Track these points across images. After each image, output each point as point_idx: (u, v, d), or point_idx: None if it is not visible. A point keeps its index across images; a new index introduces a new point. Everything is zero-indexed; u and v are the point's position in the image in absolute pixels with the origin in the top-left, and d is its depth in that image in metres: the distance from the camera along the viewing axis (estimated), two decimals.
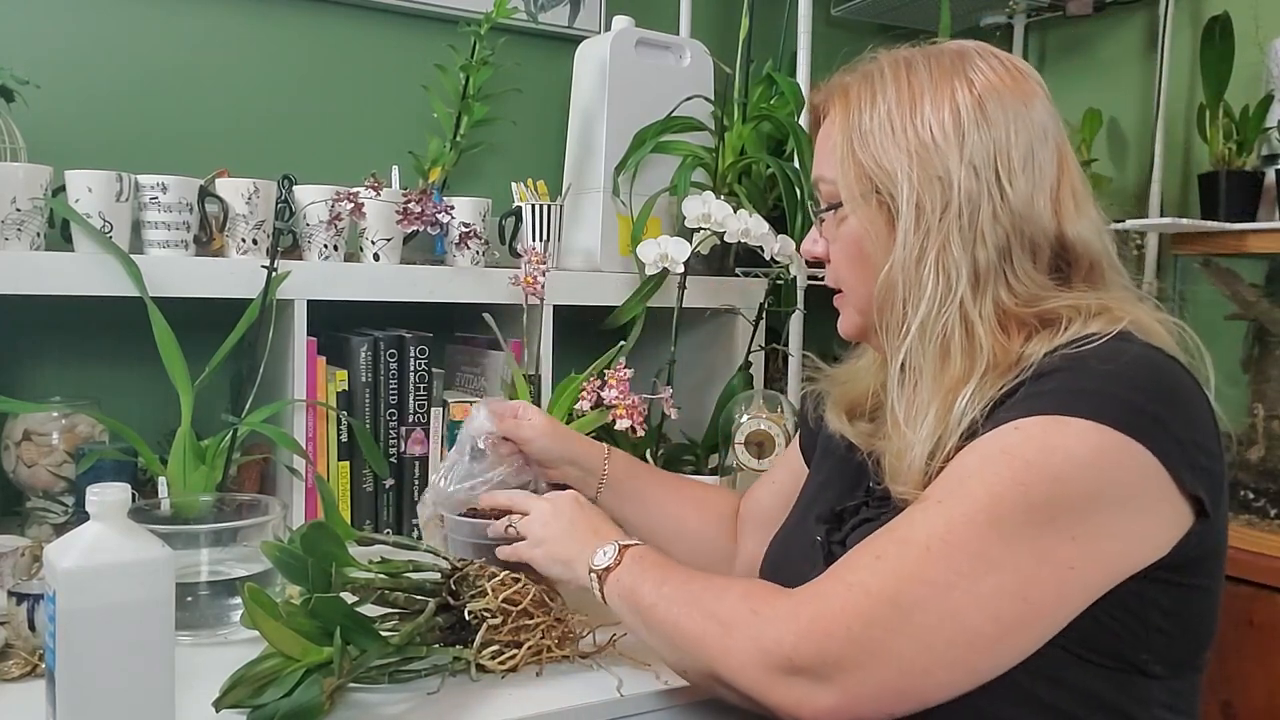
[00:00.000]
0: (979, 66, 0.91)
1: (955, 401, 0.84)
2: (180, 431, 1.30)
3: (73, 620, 0.77)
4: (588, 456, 1.22)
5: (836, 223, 0.96)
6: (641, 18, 1.74)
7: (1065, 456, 0.76)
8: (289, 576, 0.98)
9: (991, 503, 0.77)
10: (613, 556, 0.95)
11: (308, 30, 1.70)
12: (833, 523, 0.98)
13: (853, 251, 0.95)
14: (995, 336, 0.86)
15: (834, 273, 1.00)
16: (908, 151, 0.88)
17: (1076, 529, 0.76)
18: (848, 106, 0.93)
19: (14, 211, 1.26)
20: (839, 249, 0.97)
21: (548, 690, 1.00)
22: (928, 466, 0.84)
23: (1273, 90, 1.65)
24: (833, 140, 0.94)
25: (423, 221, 1.44)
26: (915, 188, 0.88)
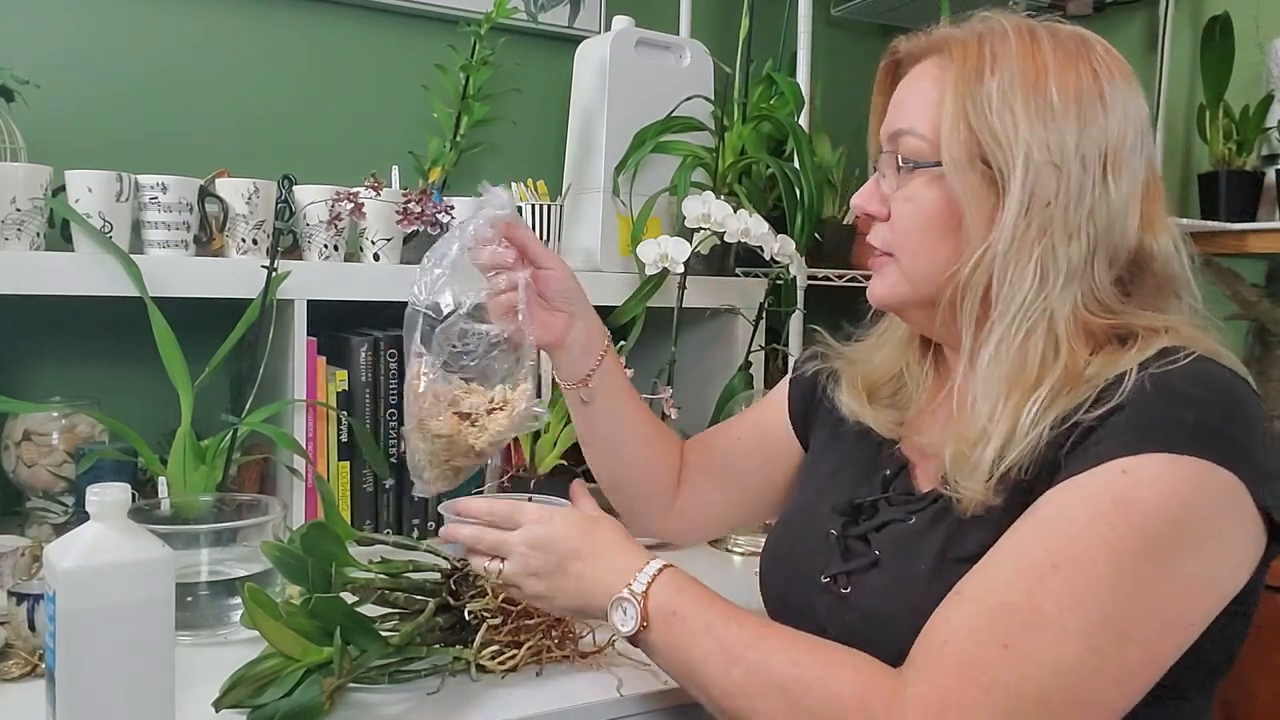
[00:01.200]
0: (1098, 53, 0.86)
1: (1026, 405, 0.80)
2: (180, 431, 1.30)
3: (73, 620, 0.77)
4: (597, 327, 1.13)
5: (921, 182, 0.87)
6: (641, 18, 1.74)
7: (1180, 501, 0.72)
8: (289, 576, 0.98)
9: (1115, 564, 0.72)
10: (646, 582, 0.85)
11: (308, 30, 1.70)
12: (849, 515, 0.94)
13: (932, 218, 0.87)
14: (1072, 344, 0.82)
15: (893, 235, 0.91)
16: (1029, 128, 0.82)
17: (1192, 569, 0.73)
18: (962, 62, 0.85)
19: (14, 211, 1.26)
20: (912, 211, 0.89)
21: (548, 690, 1.00)
22: (992, 468, 0.80)
23: (1273, 90, 1.65)
24: (931, 95, 0.87)
25: (423, 221, 1.44)
26: (1032, 170, 0.81)
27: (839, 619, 0.88)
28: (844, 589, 0.89)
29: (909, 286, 0.91)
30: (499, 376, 1.01)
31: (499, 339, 1.00)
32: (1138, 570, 0.72)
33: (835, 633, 0.86)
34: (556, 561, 0.90)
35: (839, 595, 0.89)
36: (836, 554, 0.92)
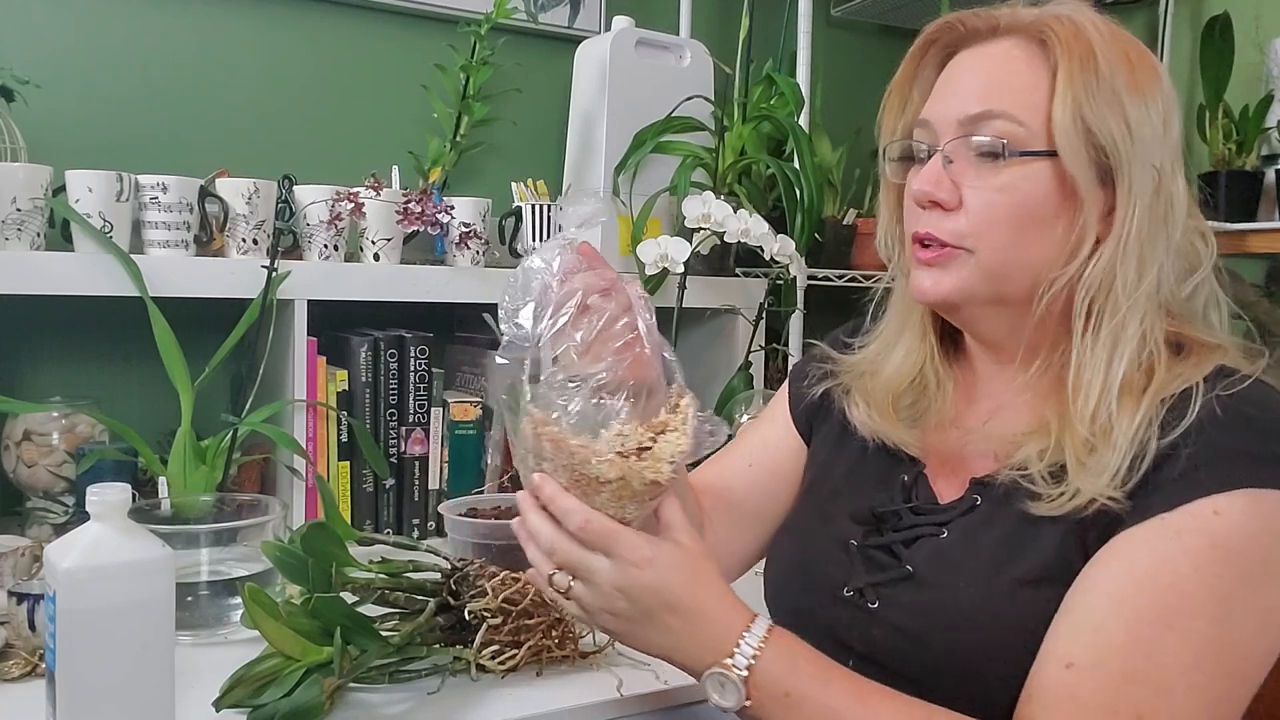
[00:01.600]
0: (1158, 61, 0.86)
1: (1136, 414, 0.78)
2: (180, 431, 1.30)
3: (73, 620, 0.77)
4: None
5: (1021, 172, 0.81)
6: (641, 18, 1.74)
7: (1271, 537, 0.73)
8: (289, 576, 0.97)
9: (1224, 611, 0.72)
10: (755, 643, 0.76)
11: (308, 30, 1.70)
12: (871, 525, 0.90)
13: (1030, 210, 0.82)
14: (1160, 352, 0.80)
15: (969, 225, 0.83)
16: (1137, 126, 0.80)
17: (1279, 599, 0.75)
18: (1069, 49, 0.81)
19: (14, 211, 1.26)
20: (1006, 201, 0.82)
21: (548, 690, 0.99)
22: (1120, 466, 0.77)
23: (1273, 90, 1.65)
24: (1026, 79, 0.82)
25: (423, 221, 1.44)
26: (1140, 168, 0.80)
27: (864, 633, 0.85)
28: (871, 603, 0.85)
29: (983, 282, 0.84)
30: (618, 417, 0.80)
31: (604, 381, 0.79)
32: (1242, 612, 0.73)
33: (860, 647, 0.84)
34: (644, 610, 0.77)
35: (865, 609, 0.85)
36: (859, 565, 0.88)
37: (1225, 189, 1.65)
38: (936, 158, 0.84)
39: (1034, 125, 0.81)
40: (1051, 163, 0.81)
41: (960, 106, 0.84)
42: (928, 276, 0.85)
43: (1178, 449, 0.75)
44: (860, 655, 0.84)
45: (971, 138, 0.82)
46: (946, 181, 0.83)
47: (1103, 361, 0.80)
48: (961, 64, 0.86)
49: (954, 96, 0.85)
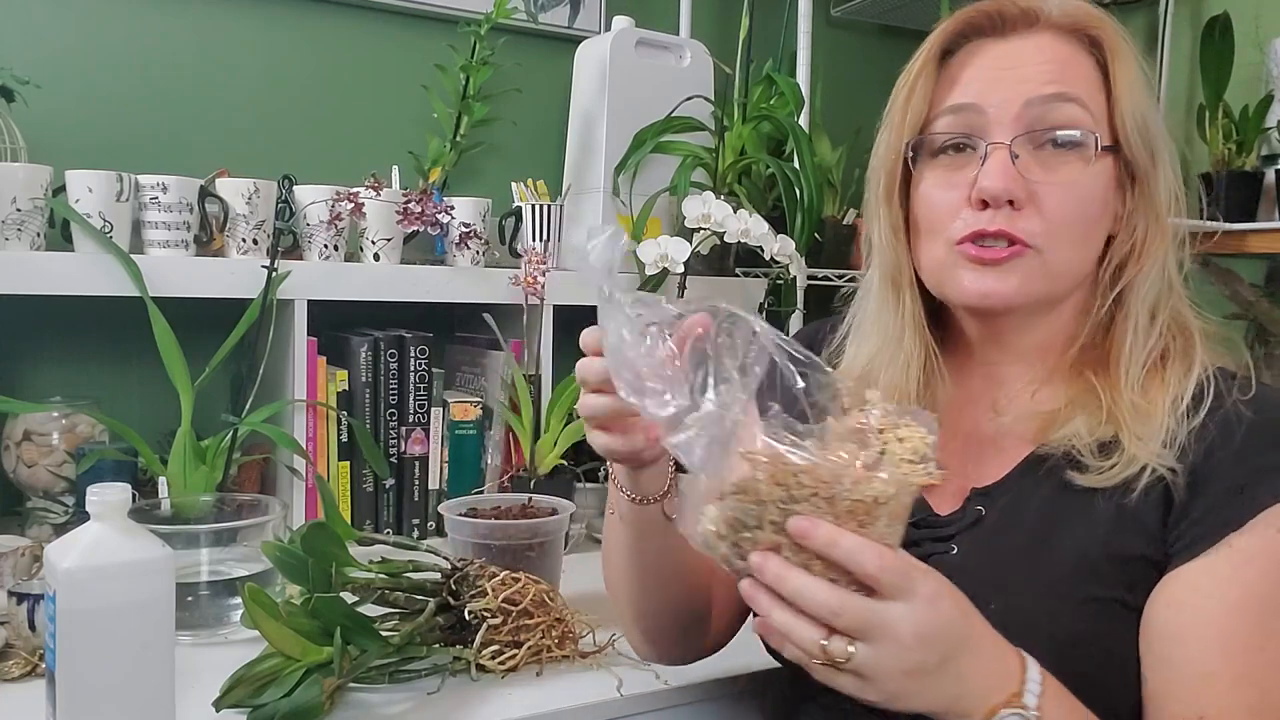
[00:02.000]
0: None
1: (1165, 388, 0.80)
2: (180, 431, 1.30)
3: (73, 620, 0.77)
4: None
5: (1081, 166, 0.80)
6: (641, 18, 1.74)
7: None
8: (289, 576, 0.98)
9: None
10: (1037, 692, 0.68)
11: (308, 30, 1.70)
12: None
13: (1093, 205, 0.81)
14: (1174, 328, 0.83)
15: (1044, 224, 0.80)
16: (1161, 126, 0.83)
17: None
18: (1118, 47, 0.83)
19: (14, 211, 1.26)
20: (1075, 198, 0.80)
21: (548, 690, 0.99)
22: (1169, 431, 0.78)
23: (1273, 90, 1.65)
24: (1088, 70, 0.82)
25: (423, 221, 1.44)
26: (1169, 159, 0.83)
27: None
28: None
29: (1045, 283, 0.82)
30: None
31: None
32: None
33: None
34: (940, 659, 0.64)
35: None
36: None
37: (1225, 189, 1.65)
38: (1003, 152, 0.80)
39: (1100, 117, 0.81)
40: (1113, 159, 0.82)
41: (1027, 88, 0.80)
42: (990, 277, 0.80)
43: (1213, 455, 0.76)
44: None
45: (1046, 127, 0.80)
46: (1017, 176, 0.80)
47: (1144, 328, 0.81)
48: (1006, 49, 0.83)
49: (1015, 78, 0.81)
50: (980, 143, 0.81)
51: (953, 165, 0.83)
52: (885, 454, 0.64)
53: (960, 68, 0.84)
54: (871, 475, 0.61)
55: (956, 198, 0.82)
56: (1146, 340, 0.82)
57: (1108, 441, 0.79)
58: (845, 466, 0.61)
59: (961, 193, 0.82)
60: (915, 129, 0.85)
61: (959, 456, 0.88)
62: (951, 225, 0.82)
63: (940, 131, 0.84)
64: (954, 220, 0.82)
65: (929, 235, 0.85)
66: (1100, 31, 0.83)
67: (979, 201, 0.80)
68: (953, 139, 0.83)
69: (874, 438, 0.65)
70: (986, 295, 0.81)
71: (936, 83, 0.85)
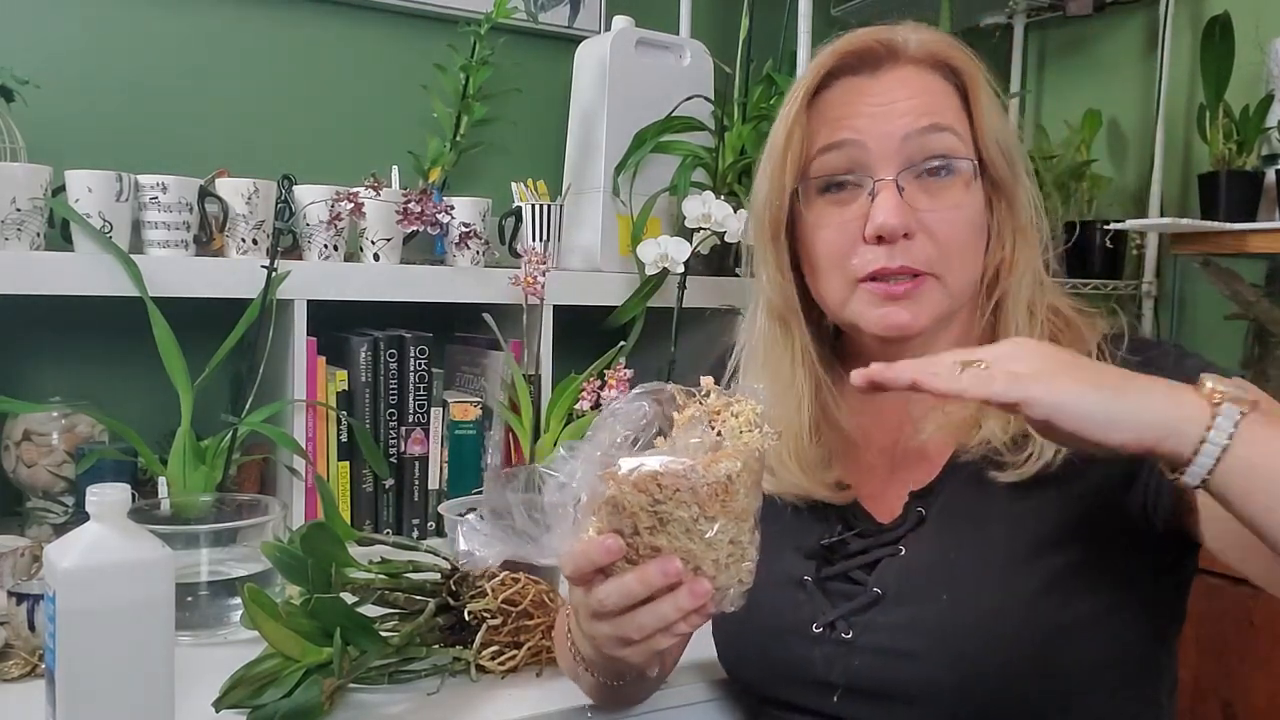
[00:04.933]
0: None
1: None
2: (180, 431, 1.30)
3: (73, 620, 0.77)
4: None
5: (962, 189, 0.85)
6: (641, 18, 1.74)
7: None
8: (289, 576, 0.97)
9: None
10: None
11: (308, 30, 1.70)
12: (820, 558, 0.88)
13: (975, 225, 0.86)
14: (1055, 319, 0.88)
15: (938, 250, 0.84)
16: (1016, 141, 0.88)
17: None
18: (973, 73, 0.88)
19: (14, 211, 1.26)
20: (963, 219, 0.85)
21: (548, 690, 0.99)
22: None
23: (1273, 90, 1.65)
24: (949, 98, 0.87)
25: (423, 221, 1.44)
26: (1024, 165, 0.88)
27: (845, 666, 0.83)
28: (845, 634, 0.84)
29: (949, 305, 0.86)
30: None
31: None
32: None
33: (843, 682, 0.83)
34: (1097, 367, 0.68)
35: (840, 642, 0.84)
36: (821, 600, 0.86)
37: (1225, 189, 1.65)
38: (891, 189, 0.83)
39: (967, 141, 0.86)
40: (982, 178, 0.87)
41: (903, 123, 0.84)
42: (900, 310, 0.84)
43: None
44: (846, 689, 0.84)
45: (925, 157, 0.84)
46: (908, 209, 0.83)
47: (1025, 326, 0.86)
48: (877, 88, 0.86)
49: (892, 114, 0.85)
50: (867, 179, 0.85)
51: (839, 202, 0.87)
52: (724, 432, 0.70)
53: (833, 106, 0.88)
54: (718, 457, 0.68)
55: (849, 234, 0.85)
56: (1030, 335, 0.85)
57: (1021, 436, 0.81)
58: (693, 458, 0.67)
59: (854, 229, 0.85)
60: (798, 172, 0.88)
61: (887, 468, 0.91)
62: (850, 262, 0.85)
63: (826, 171, 0.87)
64: (851, 257, 0.86)
65: (826, 272, 0.88)
66: (956, 60, 0.88)
67: (874, 237, 0.83)
68: (838, 177, 0.86)
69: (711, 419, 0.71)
70: (899, 327, 0.85)
71: (808, 122, 0.88)
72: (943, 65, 0.88)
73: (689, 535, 0.68)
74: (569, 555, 0.70)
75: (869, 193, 0.84)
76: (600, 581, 0.69)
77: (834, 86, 0.88)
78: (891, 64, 0.87)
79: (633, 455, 0.68)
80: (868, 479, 0.91)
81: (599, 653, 0.77)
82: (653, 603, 0.68)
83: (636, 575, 0.68)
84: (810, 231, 0.88)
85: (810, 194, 0.88)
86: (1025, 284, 0.87)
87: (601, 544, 0.68)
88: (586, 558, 0.69)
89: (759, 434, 0.70)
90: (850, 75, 0.88)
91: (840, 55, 0.88)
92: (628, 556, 0.68)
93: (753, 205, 0.92)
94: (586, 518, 0.69)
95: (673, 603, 0.68)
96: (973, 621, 0.79)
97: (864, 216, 0.84)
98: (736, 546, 0.69)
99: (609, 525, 0.69)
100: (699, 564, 0.68)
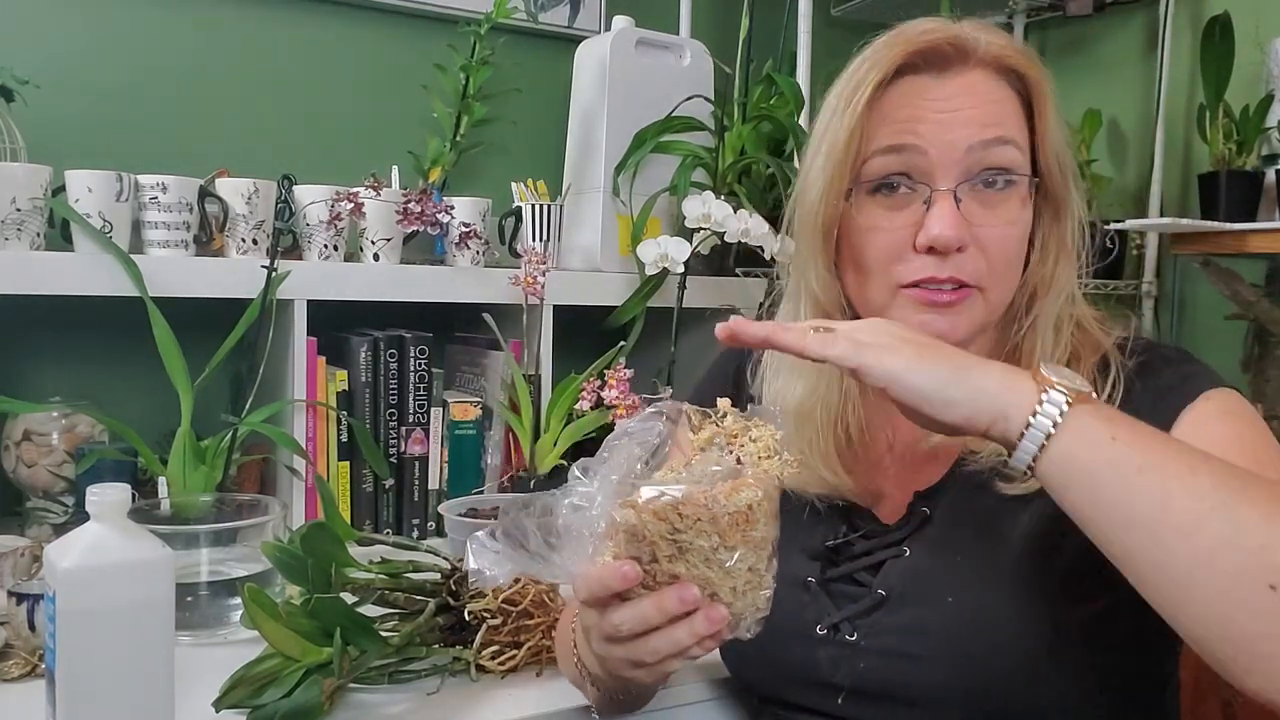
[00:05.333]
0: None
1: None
2: (180, 431, 1.30)
3: (73, 620, 0.77)
4: None
5: (1018, 203, 0.84)
6: (641, 18, 1.74)
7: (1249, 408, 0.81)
8: (289, 576, 0.97)
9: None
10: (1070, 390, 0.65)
11: (308, 30, 1.70)
12: (825, 559, 0.88)
13: (1022, 240, 0.85)
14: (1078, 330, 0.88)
15: (989, 265, 0.82)
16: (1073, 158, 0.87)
17: None
18: (1039, 83, 0.85)
19: (14, 211, 1.26)
20: (1016, 236, 0.84)
21: (548, 690, 0.99)
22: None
23: (1273, 90, 1.65)
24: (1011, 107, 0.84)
25: (423, 221, 1.44)
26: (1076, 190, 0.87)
27: (851, 668, 0.83)
28: (849, 635, 0.84)
29: (986, 317, 0.85)
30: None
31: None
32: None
33: (848, 684, 0.83)
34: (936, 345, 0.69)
35: (845, 644, 0.84)
36: (825, 601, 0.86)
37: (1225, 189, 1.65)
38: (948, 200, 0.81)
39: (1025, 152, 0.84)
40: (1035, 193, 0.85)
41: (968, 133, 0.82)
42: (940, 319, 0.82)
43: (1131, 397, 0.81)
44: (851, 691, 0.83)
45: (984, 168, 0.82)
46: (964, 222, 0.81)
47: (1050, 344, 0.85)
48: (945, 91, 0.83)
49: (956, 121, 0.82)
50: (924, 188, 0.82)
51: (891, 205, 0.84)
52: (743, 458, 0.70)
53: (896, 106, 0.84)
54: (739, 485, 0.67)
55: (899, 239, 0.83)
56: (1053, 353, 0.85)
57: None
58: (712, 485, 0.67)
59: (904, 235, 0.82)
60: (853, 170, 0.84)
61: (895, 469, 0.91)
62: (895, 268, 0.83)
63: (882, 174, 0.84)
64: (897, 263, 0.83)
65: (869, 274, 0.85)
66: (1026, 69, 0.85)
67: (925, 248, 0.81)
68: (890, 180, 0.83)
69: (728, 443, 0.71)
70: (939, 337, 0.81)
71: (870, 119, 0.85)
72: (1010, 72, 0.85)
73: (708, 564, 0.67)
74: (584, 580, 0.69)
75: (924, 201, 0.82)
76: (615, 605, 0.69)
77: (898, 83, 0.84)
78: (960, 66, 0.84)
79: (650, 481, 0.68)
80: (874, 477, 0.91)
81: (606, 670, 0.77)
82: (668, 628, 0.68)
83: (653, 602, 0.67)
84: (859, 233, 0.85)
85: (861, 194, 0.85)
86: (1060, 302, 0.86)
87: (619, 571, 0.67)
88: (603, 584, 0.68)
89: (778, 461, 0.70)
90: (914, 74, 0.84)
91: (910, 53, 0.84)
92: (644, 582, 0.68)
93: (802, 201, 0.88)
94: (603, 542, 0.68)
95: (688, 628, 0.67)
96: (978, 624, 0.79)
97: (916, 224, 0.82)
98: (754, 574, 0.69)
99: (626, 552, 0.68)
100: (716, 590, 0.68)
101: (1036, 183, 0.85)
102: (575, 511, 0.68)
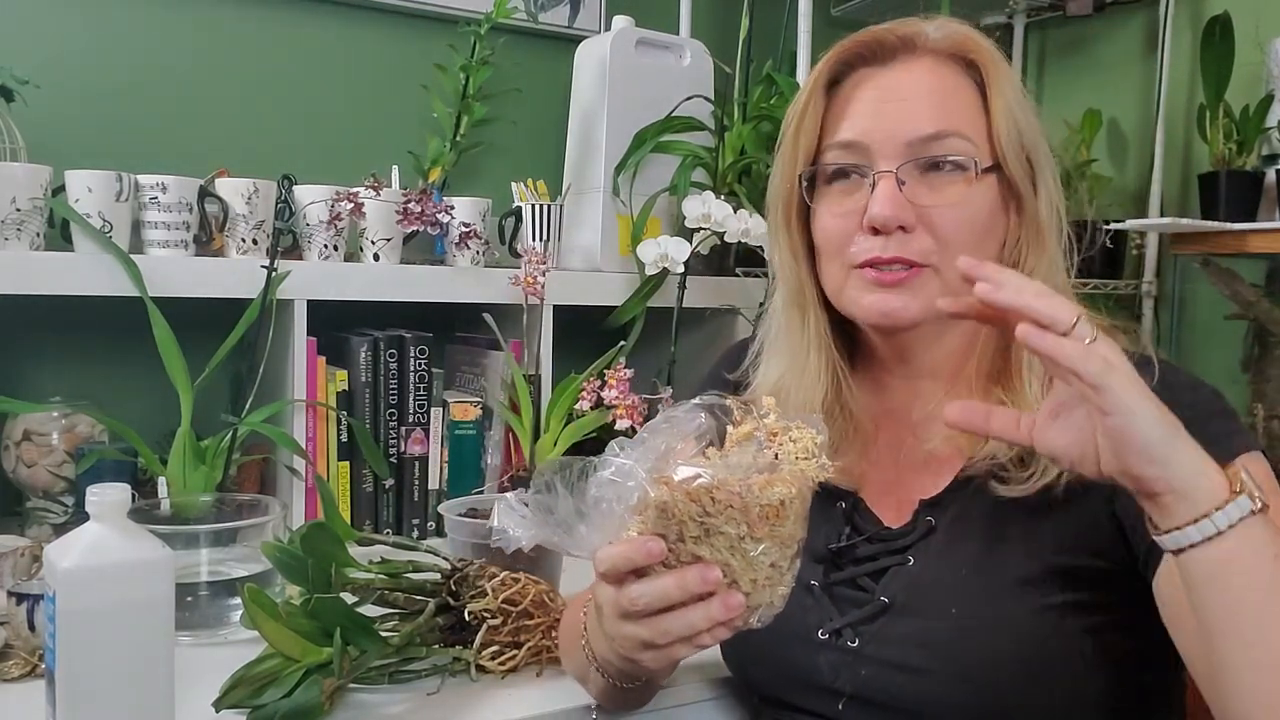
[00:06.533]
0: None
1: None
2: (180, 431, 1.30)
3: (73, 620, 0.77)
4: None
5: (967, 187, 0.84)
6: (641, 18, 1.74)
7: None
8: (289, 576, 0.97)
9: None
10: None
11: (308, 30, 1.70)
12: (828, 562, 0.88)
13: (982, 222, 0.85)
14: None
15: (936, 244, 0.84)
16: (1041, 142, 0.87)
17: None
18: (994, 68, 0.86)
19: (14, 211, 1.26)
20: (968, 216, 0.84)
21: (548, 690, 1.00)
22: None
23: (1273, 90, 1.65)
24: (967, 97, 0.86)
25: (423, 221, 1.44)
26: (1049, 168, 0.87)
27: (853, 674, 0.83)
28: (851, 641, 0.84)
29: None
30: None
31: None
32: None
33: (850, 689, 0.83)
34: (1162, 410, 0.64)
35: (847, 650, 0.84)
36: (828, 605, 0.86)
37: (1225, 189, 1.65)
38: (889, 181, 0.84)
39: (980, 141, 0.85)
40: (996, 176, 0.86)
41: (909, 127, 0.84)
42: (894, 299, 0.84)
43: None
44: (851, 697, 0.83)
45: (928, 158, 0.84)
46: (905, 202, 0.84)
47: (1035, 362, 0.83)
48: (889, 82, 0.87)
49: (898, 117, 0.85)
50: (869, 170, 0.86)
51: (845, 191, 0.88)
52: (780, 455, 0.71)
53: (846, 100, 0.88)
54: (774, 479, 0.68)
55: (850, 224, 0.86)
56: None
57: (1027, 453, 0.81)
58: (750, 479, 0.67)
59: (854, 219, 0.86)
60: (807, 160, 0.89)
61: (894, 467, 0.90)
62: (848, 250, 0.87)
63: (835, 163, 0.88)
64: (849, 245, 0.86)
65: (828, 259, 0.89)
66: (977, 55, 0.87)
67: (870, 228, 0.84)
68: (841, 168, 0.88)
69: (768, 440, 0.72)
70: (888, 314, 0.85)
71: (825, 112, 0.89)
72: (961, 58, 0.87)
73: (732, 551, 0.68)
74: (607, 552, 0.69)
75: (870, 184, 0.85)
76: (632, 582, 0.69)
77: (850, 78, 0.89)
78: (906, 56, 0.87)
79: (688, 463, 0.68)
80: (874, 473, 0.91)
81: (615, 653, 0.77)
82: (684, 609, 0.68)
83: (675, 579, 0.67)
84: (818, 219, 0.89)
85: (819, 183, 0.89)
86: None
87: (644, 545, 0.67)
88: (626, 557, 0.68)
89: (815, 465, 0.70)
90: (865, 66, 0.88)
91: (851, 47, 0.88)
92: (665, 561, 0.68)
93: (769, 192, 0.94)
94: (631, 517, 0.68)
95: (704, 611, 0.68)
96: (981, 639, 0.79)
97: (863, 208, 0.85)
98: (776, 570, 0.69)
99: (653, 528, 0.68)
100: (736, 579, 0.68)
101: (988, 167, 0.85)
102: (608, 485, 0.68)
